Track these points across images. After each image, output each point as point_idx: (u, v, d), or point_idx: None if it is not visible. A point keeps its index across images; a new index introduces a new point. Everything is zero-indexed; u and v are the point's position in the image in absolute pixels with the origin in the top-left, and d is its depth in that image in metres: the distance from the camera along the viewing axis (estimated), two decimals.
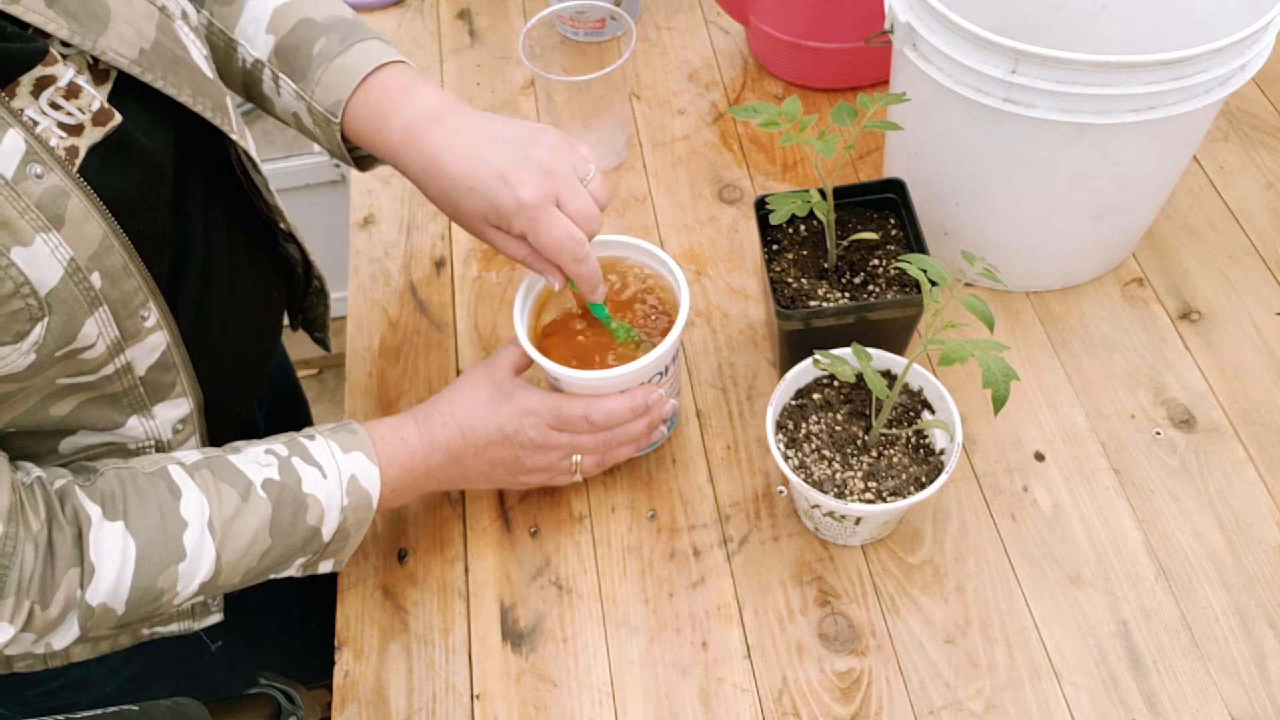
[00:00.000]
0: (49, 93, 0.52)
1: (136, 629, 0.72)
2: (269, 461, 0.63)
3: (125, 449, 0.64)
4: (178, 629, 0.72)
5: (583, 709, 0.69)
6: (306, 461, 0.64)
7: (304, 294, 0.86)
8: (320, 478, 0.64)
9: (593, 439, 0.71)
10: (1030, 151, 0.74)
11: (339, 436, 0.66)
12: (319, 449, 0.65)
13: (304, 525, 0.63)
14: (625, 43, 0.92)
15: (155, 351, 0.61)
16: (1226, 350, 0.83)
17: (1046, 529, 0.74)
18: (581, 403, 0.70)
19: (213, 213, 0.68)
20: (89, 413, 0.60)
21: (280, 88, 0.70)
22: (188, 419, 0.66)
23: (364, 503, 0.65)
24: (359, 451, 0.66)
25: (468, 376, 0.72)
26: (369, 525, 0.67)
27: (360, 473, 0.65)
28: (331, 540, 0.65)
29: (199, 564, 0.59)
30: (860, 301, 0.75)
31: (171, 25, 0.60)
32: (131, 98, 0.57)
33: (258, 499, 0.61)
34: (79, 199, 0.52)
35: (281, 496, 0.62)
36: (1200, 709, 0.66)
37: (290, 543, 0.63)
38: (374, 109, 0.68)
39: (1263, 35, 0.69)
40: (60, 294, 0.52)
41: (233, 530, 0.60)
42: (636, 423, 0.72)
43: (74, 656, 0.71)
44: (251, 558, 0.61)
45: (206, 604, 0.72)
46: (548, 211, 0.64)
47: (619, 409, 0.70)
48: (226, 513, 0.60)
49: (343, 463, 0.65)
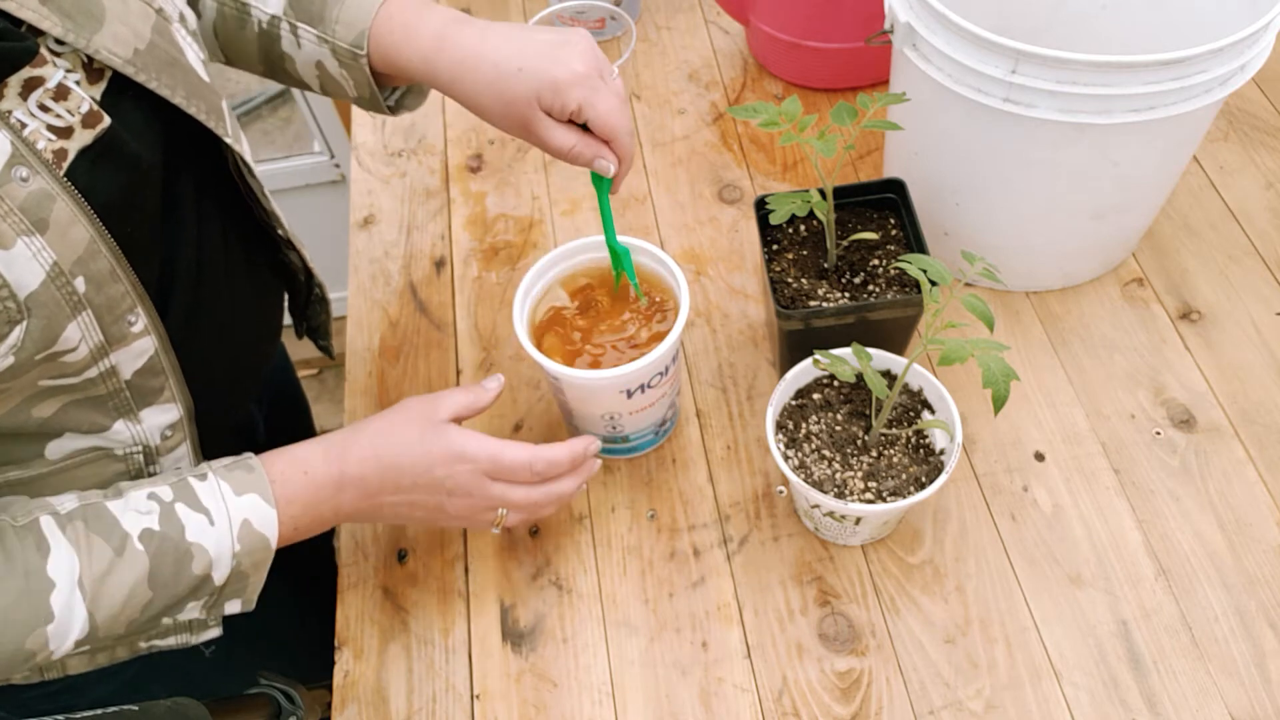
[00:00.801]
0: (37, 94, 0.51)
1: (132, 642, 0.71)
2: (149, 509, 0.58)
3: (111, 455, 0.63)
4: (175, 643, 0.71)
5: (583, 709, 0.69)
6: (192, 508, 0.59)
7: (306, 302, 0.86)
8: (207, 524, 0.59)
9: (525, 495, 0.67)
10: (1030, 151, 0.73)
11: (234, 476, 0.61)
12: (208, 492, 0.60)
13: (189, 575, 0.59)
14: (625, 43, 0.92)
15: (142, 356, 0.60)
16: (1226, 350, 0.83)
17: (1046, 529, 0.74)
18: (526, 451, 0.66)
19: (206, 218, 0.67)
20: (73, 415, 0.59)
21: (300, 38, 0.69)
22: (177, 425, 0.65)
23: (260, 545, 0.61)
24: (254, 493, 0.61)
25: (401, 408, 0.67)
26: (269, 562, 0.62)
27: (255, 517, 0.60)
28: (227, 584, 0.61)
29: (70, 624, 0.55)
30: (860, 301, 0.75)
31: (168, 28, 0.60)
32: (125, 98, 0.56)
33: (134, 552, 0.57)
34: (66, 203, 0.52)
35: (162, 548, 0.57)
36: (1200, 709, 0.66)
37: (175, 592, 0.59)
38: (398, 24, 0.67)
39: (1263, 35, 0.69)
40: (40, 298, 0.51)
41: (105, 587, 0.56)
42: (568, 481, 0.69)
43: (70, 669, 0.71)
44: (132, 610, 0.57)
45: (204, 619, 0.71)
46: (603, 83, 0.64)
47: (560, 458, 0.67)
48: (98, 570, 0.56)
49: (234, 507, 0.60)
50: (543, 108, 0.65)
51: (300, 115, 1.72)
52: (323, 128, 1.68)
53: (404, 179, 1.02)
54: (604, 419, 0.74)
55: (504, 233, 0.97)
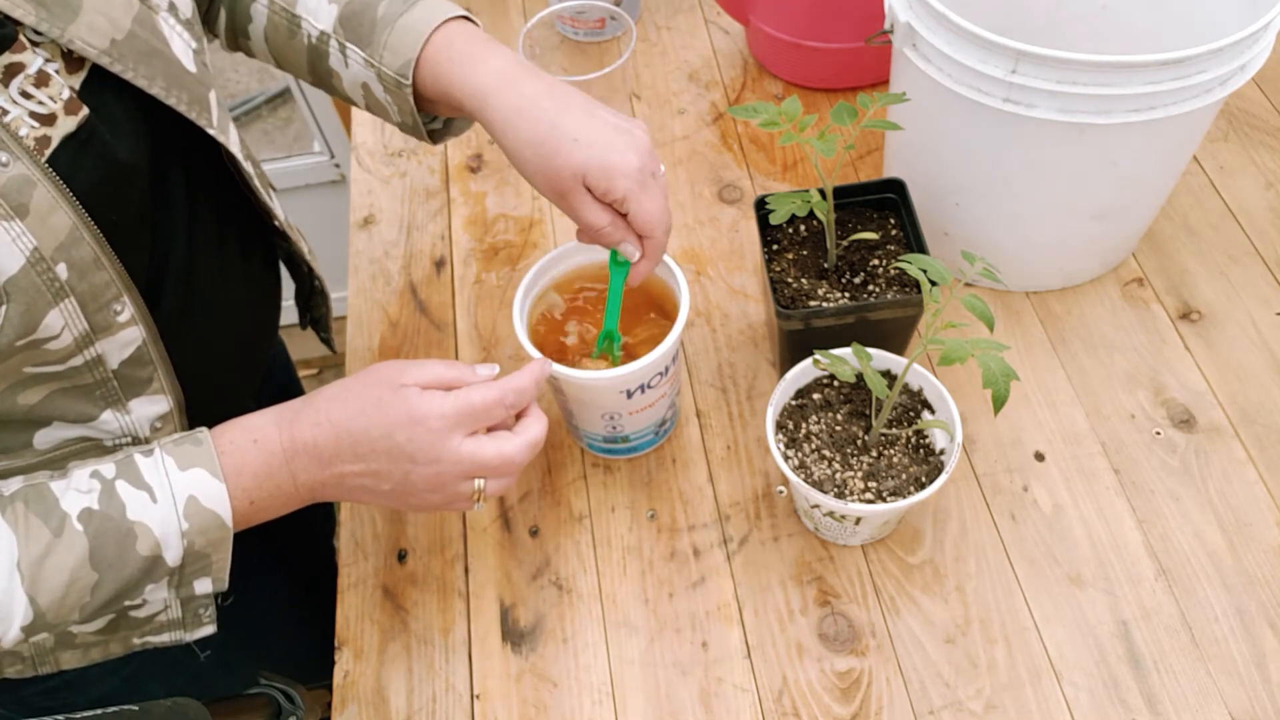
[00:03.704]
0: (19, 80, 0.51)
1: (126, 638, 0.70)
2: (90, 487, 0.56)
3: (101, 445, 0.63)
4: (169, 639, 0.70)
5: (583, 709, 0.69)
6: (134, 484, 0.57)
7: (309, 294, 0.86)
8: (149, 502, 0.56)
9: (497, 450, 0.61)
10: (1030, 151, 0.74)
11: (180, 450, 0.58)
12: (151, 469, 0.58)
13: (135, 555, 0.56)
14: (625, 43, 0.92)
15: (129, 346, 0.60)
16: (1226, 350, 0.83)
17: (1046, 529, 0.74)
18: (495, 389, 0.61)
19: (199, 209, 0.66)
20: (59, 404, 0.59)
21: (348, 58, 0.68)
22: (167, 417, 0.65)
23: (212, 523, 0.58)
24: (199, 467, 0.58)
25: (366, 372, 0.62)
26: (230, 540, 0.59)
27: (201, 492, 0.57)
28: (184, 564, 0.58)
29: (11, 609, 0.53)
30: (860, 301, 0.75)
31: (152, 17, 0.59)
32: (106, 89, 0.56)
33: (73, 533, 0.55)
34: (46, 189, 0.51)
35: (102, 528, 0.55)
36: (1200, 709, 0.66)
37: (124, 574, 0.56)
38: (458, 52, 0.65)
39: (1263, 35, 0.69)
40: (19, 283, 0.51)
41: (44, 570, 0.54)
42: (535, 424, 0.64)
43: (64, 664, 0.71)
44: (78, 594, 0.55)
45: (199, 614, 0.69)
46: (652, 181, 0.63)
47: (525, 384, 0.63)
48: (35, 552, 0.54)
49: (178, 483, 0.57)
50: (587, 184, 0.63)
51: (300, 115, 1.71)
52: (323, 128, 1.68)
53: (404, 179, 1.02)
54: (604, 419, 0.74)
55: (504, 233, 0.97)
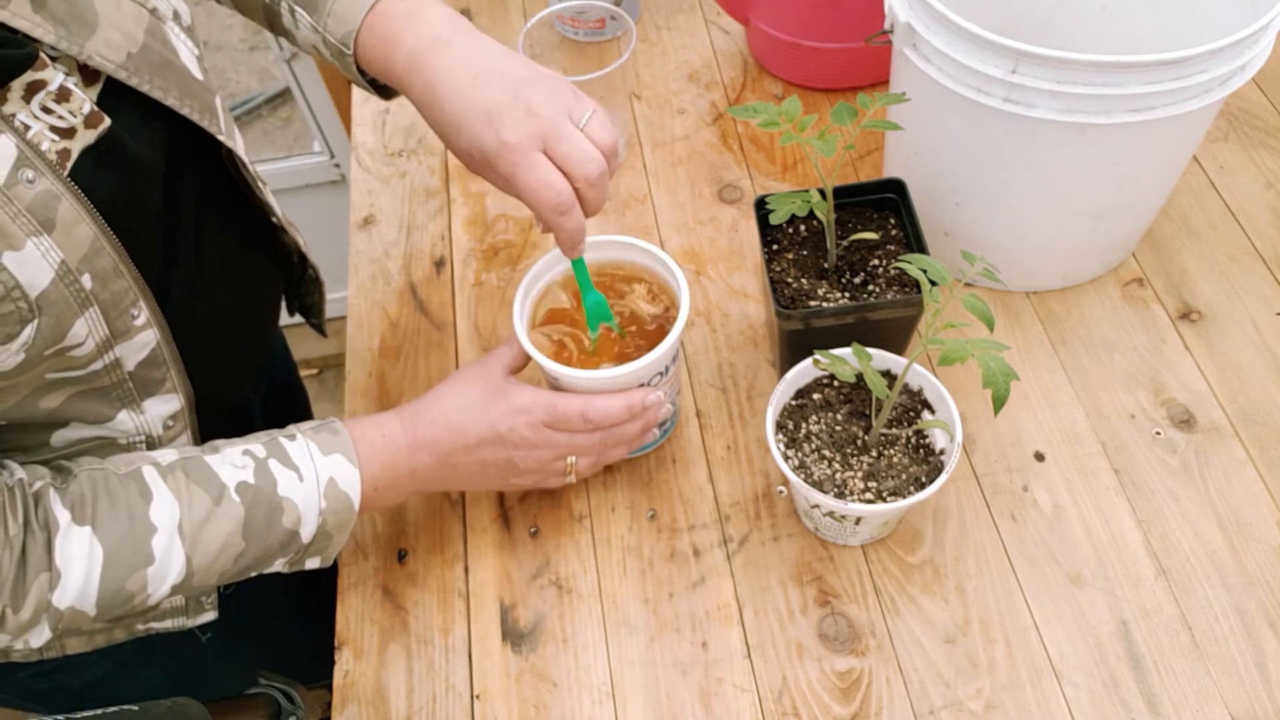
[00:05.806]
0: (40, 97, 0.52)
1: (130, 624, 0.72)
2: (245, 464, 0.62)
3: (116, 444, 0.64)
4: (171, 625, 0.72)
5: (583, 709, 0.69)
6: (284, 464, 0.63)
7: (300, 280, 0.87)
8: (297, 481, 0.63)
9: (588, 439, 0.70)
10: (1030, 151, 0.73)
11: (320, 437, 0.65)
12: (298, 451, 0.64)
13: (280, 528, 0.62)
14: (625, 43, 0.92)
15: (145, 348, 0.61)
16: (1226, 350, 0.83)
17: (1046, 529, 0.74)
18: (579, 400, 0.68)
19: (205, 210, 0.68)
20: (78, 406, 0.61)
21: (298, 21, 0.70)
22: (179, 415, 0.66)
23: (344, 505, 0.64)
24: (339, 454, 0.65)
25: (460, 374, 0.71)
26: (353, 525, 0.66)
27: (339, 475, 0.64)
28: (312, 541, 0.64)
29: (169, 568, 0.58)
30: (860, 301, 0.75)
31: (161, 28, 0.60)
32: (122, 100, 0.57)
33: (231, 503, 0.60)
34: (70, 202, 0.53)
35: (256, 500, 0.61)
36: (1200, 709, 0.66)
37: (266, 545, 0.62)
38: (380, 37, 0.66)
39: (1263, 35, 0.69)
40: (50, 296, 0.52)
41: (204, 535, 0.59)
42: (633, 423, 0.71)
43: (69, 649, 0.72)
44: (225, 560, 0.61)
45: (200, 601, 0.72)
46: (528, 155, 0.60)
47: (615, 409, 0.69)
48: (197, 517, 0.59)
49: (321, 466, 0.64)
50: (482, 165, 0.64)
51: (300, 115, 1.71)
52: (323, 128, 1.68)
53: (404, 179, 1.02)
54: None
55: (504, 233, 0.97)
